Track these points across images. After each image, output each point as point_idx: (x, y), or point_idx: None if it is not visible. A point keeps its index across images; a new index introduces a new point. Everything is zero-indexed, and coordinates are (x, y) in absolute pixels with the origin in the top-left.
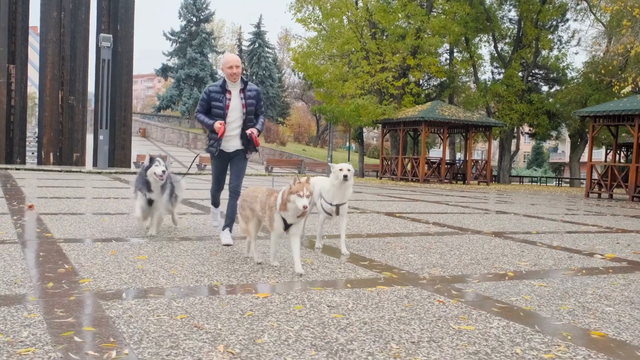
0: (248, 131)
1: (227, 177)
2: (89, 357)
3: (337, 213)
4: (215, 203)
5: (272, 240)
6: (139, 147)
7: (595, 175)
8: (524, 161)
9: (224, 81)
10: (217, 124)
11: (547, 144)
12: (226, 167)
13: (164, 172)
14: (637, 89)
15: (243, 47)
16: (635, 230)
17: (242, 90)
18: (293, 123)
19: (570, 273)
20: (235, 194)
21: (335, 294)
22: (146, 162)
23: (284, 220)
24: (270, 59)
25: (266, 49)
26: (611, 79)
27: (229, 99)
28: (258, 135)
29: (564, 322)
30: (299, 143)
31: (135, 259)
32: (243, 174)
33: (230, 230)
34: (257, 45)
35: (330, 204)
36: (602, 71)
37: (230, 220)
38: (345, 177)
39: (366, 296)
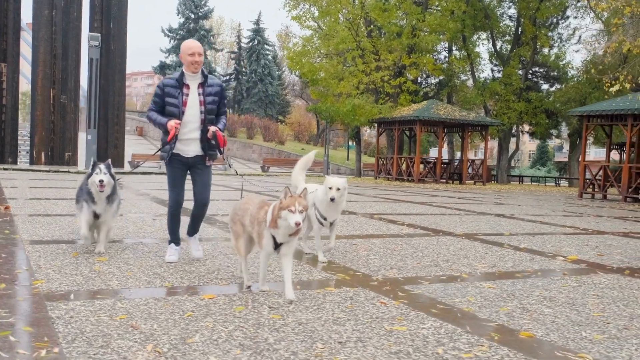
0: (212, 128)
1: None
2: (19, 356)
3: (330, 224)
4: (175, 235)
5: (261, 260)
6: (135, 146)
7: (589, 176)
8: (529, 160)
9: (182, 73)
10: (172, 122)
11: (553, 143)
12: (184, 175)
13: (102, 181)
14: (625, 88)
15: (242, 44)
16: (611, 231)
17: (202, 85)
18: (293, 121)
19: (524, 275)
20: (201, 209)
21: (281, 296)
22: (89, 168)
23: (274, 239)
24: (269, 57)
25: (265, 46)
26: (602, 77)
27: (187, 95)
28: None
29: (499, 323)
30: (298, 142)
31: (95, 260)
32: (209, 185)
33: (195, 235)
34: (256, 42)
35: (325, 219)
36: (593, 70)
37: (194, 228)
38: (332, 199)
39: (311, 298)
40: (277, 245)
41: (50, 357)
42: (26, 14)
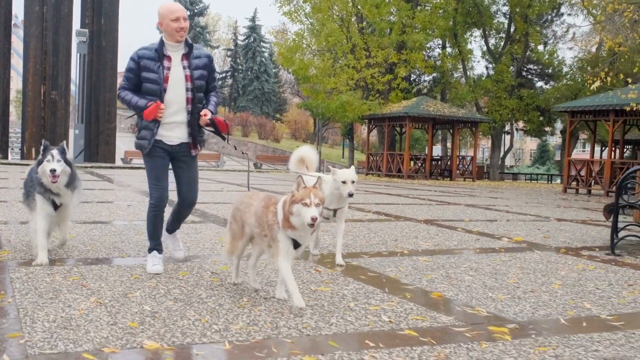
0: (206, 114)
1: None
2: None
3: (334, 215)
4: (156, 240)
5: (283, 271)
6: (129, 144)
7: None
8: (530, 159)
9: (162, 43)
10: (153, 105)
11: (554, 142)
12: (167, 167)
13: (54, 171)
14: (607, 85)
15: (238, 42)
16: (571, 219)
17: (186, 56)
18: (290, 119)
19: (462, 251)
20: (190, 205)
21: (228, 265)
22: (40, 152)
23: (294, 241)
24: (266, 54)
25: (262, 43)
26: (583, 74)
27: (168, 68)
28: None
29: (417, 286)
30: (295, 140)
31: None
32: (197, 181)
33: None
34: (252, 39)
35: (327, 208)
36: (576, 65)
37: (176, 224)
38: (350, 194)
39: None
40: (296, 246)
41: (3, 304)
42: (20, 11)
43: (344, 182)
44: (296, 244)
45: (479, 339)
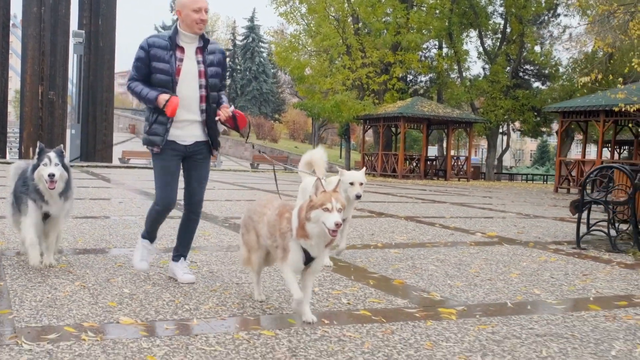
0: (228, 109)
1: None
2: None
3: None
4: (152, 233)
5: (287, 279)
6: (128, 143)
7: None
8: (531, 159)
9: (176, 32)
10: (165, 96)
11: (554, 142)
12: (179, 170)
13: (52, 176)
14: (597, 84)
15: (237, 42)
16: (551, 217)
17: (201, 51)
18: (289, 120)
19: (434, 245)
20: (194, 214)
21: (207, 255)
22: (35, 155)
23: (306, 252)
24: (264, 54)
25: (260, 43)
26: (574, 75)
27: (181, 60)
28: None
29: (383, 274)
30: (293, 140)
31: None
32: (206, 182)
33: (185, 258)
34: (250, 39)
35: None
36: (571, 67)
37: (184, 247)
38: (357, 196)
39: (229, 257)
40: (308, 260)
41: None
42: (19, 12)
43: (351, 184)
44: (308, 259)
45: (426, 318)
